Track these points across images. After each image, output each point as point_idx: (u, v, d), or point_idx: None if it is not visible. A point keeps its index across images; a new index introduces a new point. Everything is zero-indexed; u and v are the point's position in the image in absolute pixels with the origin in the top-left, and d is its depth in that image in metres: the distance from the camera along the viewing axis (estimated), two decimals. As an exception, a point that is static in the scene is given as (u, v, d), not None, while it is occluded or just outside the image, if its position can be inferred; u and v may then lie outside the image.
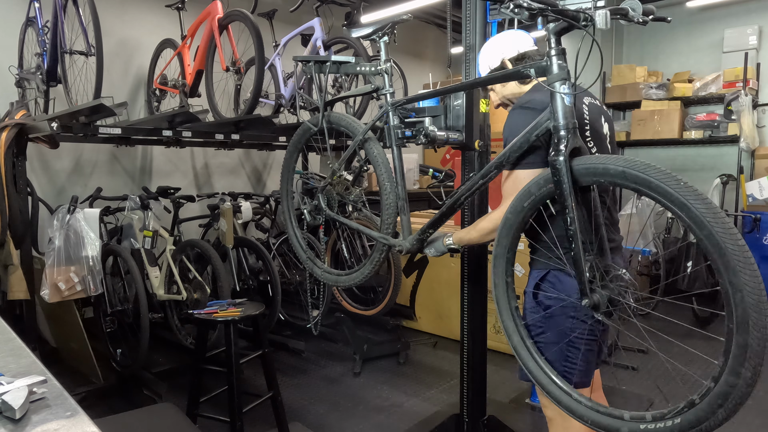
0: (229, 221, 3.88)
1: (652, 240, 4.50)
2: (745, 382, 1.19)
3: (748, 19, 5.67)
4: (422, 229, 2.10)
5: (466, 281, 2.64)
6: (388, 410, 3.15)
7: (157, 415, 2.03)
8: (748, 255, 1.18)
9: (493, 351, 4.00)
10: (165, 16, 4.53)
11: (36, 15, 3.75)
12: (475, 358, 2.67)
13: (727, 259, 1.18)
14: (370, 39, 2.13)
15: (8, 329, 1.31)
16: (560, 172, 1.41)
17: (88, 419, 0.86)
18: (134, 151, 4.69)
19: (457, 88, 2.10)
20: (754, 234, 5.02)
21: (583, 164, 1.41)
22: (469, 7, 2.44)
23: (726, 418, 1.23)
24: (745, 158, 5.54)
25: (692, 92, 5.74)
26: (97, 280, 3.17)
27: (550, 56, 1.50)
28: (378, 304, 3.86)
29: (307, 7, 4.30)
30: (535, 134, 1.59)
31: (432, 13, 6.33)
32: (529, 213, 1.56)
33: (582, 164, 1.41)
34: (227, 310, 2.62)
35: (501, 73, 1.81)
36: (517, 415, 3.07)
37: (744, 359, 1.18)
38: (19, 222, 3.00)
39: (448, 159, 6.21)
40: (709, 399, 1.25)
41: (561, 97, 1.47)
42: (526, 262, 4.18)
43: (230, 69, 3.56)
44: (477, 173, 1.84)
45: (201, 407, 2.68)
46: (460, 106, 2.28)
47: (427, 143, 2.15)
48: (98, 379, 3.33)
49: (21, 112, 3.14)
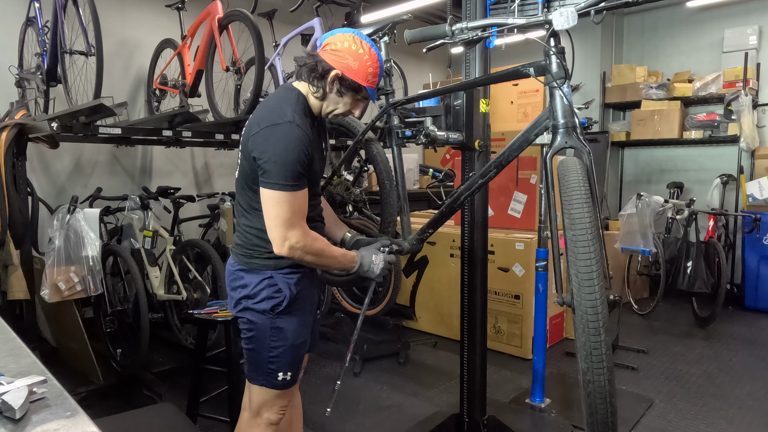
0: (229, 221, 3.88)
1: (652, 240, 4.49)
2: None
3: (748, 19, 5.67)
4: (422, 228, 2.10)
5: (466, 281, 2.64)
6: (388, 410, 3.15)
7: (157, 415, 2.03)
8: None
9: (493, 351, 4.01)
10: (165, 16, 4.53)
11: (36, 15, 3.75)
12: (475, 358, 2.67)
13: None
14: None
15: (8, 329, 1.31)
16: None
17: (88, 419, 0.87)
18: (134, 151, 4.69)
19: (456, 88, 2.10)
20: (754, 234, 5.02)
21: None
22: (469, 7, 2.44)
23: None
24: (745, 158, 5.54)
25: (692, 92, 5.74)
26: (97, 280, 3.17)
27: (550, 55, 1.50)
28: (378, 304, 3.85)
29: (307, 7, 4.29)
30: (534, 133, 1.59)
31: (432, 13, 6.32)
32: None
33: None
34: (227, 310, 2.62)
35: (500, 73, 1.81)
36: (517, 415, 3.07)
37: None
38: (19, 222, 3.00)
39: (448, 159, 6.21)
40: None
41: (561, 96, 1.47)
42: (526, 261, 4.18)
43: (230, 69, 3.56)
44: (476, 173, 1.84)
45: (201, 407, 2.68)
46: (460, 106, 2.28)
47: (427, 143, 2.15)
48: (98, 379, 3.33)
49: (21, 112, 3.14)
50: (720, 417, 3.05)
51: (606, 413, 1.44)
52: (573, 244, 1.44)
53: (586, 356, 1.44)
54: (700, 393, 3.35)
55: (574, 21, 1.45)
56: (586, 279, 1.41)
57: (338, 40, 1.71)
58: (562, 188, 1.50)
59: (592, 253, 1.42)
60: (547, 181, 1.62)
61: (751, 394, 3.34)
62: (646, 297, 5.49)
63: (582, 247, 1.43)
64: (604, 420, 1.46)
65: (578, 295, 1.44)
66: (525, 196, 4.10)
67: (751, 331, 4.61)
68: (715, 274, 4.62)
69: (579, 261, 1.43)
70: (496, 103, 4.85)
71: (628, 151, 6.68)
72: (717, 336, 4.45)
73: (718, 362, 3.85)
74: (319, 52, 1.72)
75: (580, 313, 1.43)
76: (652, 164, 6.49)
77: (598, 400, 1.44)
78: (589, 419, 1.48)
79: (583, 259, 1.42)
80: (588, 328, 1.41)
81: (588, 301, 1.41)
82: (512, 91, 4.84)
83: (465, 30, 1.70)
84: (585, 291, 1.42)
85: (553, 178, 1.60)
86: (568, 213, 1.46)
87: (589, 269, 1.42)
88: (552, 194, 1.62)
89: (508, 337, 4.04)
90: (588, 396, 1.45)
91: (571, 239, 1.45)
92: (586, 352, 1.43)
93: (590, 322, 1.41)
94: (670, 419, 3.03)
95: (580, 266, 1.43)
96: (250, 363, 1.87)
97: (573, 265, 1.44)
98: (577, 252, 1.43)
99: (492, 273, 3.49)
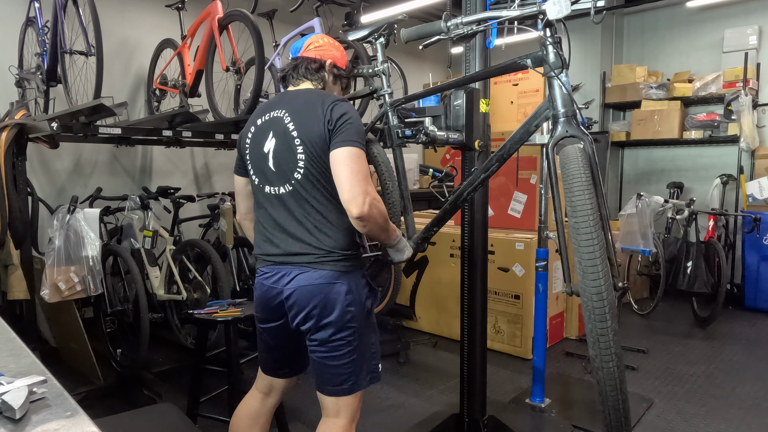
0: (229, 221, 3.88)
1: (652, 240, 4.49)
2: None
3: (748, 19, 5.67)
4: (427, 227, 2.10)
5: (466, 281, 2.64)
6: (388, 410, 3.15)
7: (157, 415, 2.03)
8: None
9: (493, 351, 4.01)
10: (165, 16, 4.53)
11: (36, 15, 3.75)
12: (475, 358, 2.67)
13: None
14: (367, 41, 2.14)
15: (8, 329, 1.31)
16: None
17: (88, 419, 0.87)
18: (134, 151, 4.69)
19: (455, 84, 2.10)
20: (754, 234, 5.03)
21: None
22: (469, 7, 2.44)
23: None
24: (745, 158, 5.54)
25: (692, 92, 5.74)
26: (97, 280, 3.17)
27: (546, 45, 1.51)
28: (378, 304, 3.86)
29: (307, 7, 4.30)
30: (534, 124, 1.60)
31: (432, 13, 6.33)
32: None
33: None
34: (227, 310, 2.62)
35: (498, 66, 1.83)
36: (517, 415, 3.07)
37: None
38: (19, 222, 3.00)
39: (448, 159, 6.21)
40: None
41: (560, 85, 1.48)
42: (526, 261, 4.17)
43: (230, 69, 3.56)
44: (478, 167, 1.85)
45: (201, 407, 2.68)
46: (460, 106, 2.28)
47: (428, 143, 2.15)
48: (98, 379, 3.33)
49: (21, 112, 3.14)
50: (720, 417, 3.05)
51: (617, 399, 1.45)
52: (576, 232, 1.44)
53: (593, 343, 1.43)
54: (700, 393, 3.35)
55: (568, 10, 1.46)
56: (590, 266, 1.41)
57: (315, 40, 1.92)
58: (564, 177, 1.50)
59: (595, 240, 1.42)
60: (550, 172, 1.62)
61: (751, 394, 3.34)
62: (646, 297, 5.49)
63: (584, 234, 1.42)
64: (615, 406, 1.46)
65: (583, 282, 1.43)
66: (525, 196, 4.11)
67: (751, 331, 4.61)
68: (715, 274, 4.62)
69: (582, 248, 1.43)
70: (496, 103, 4.85)
71: (628, 151, 6.68)
72: (717, 336, 4.45)
73: (718, 362, 3.85)
74: (301, 55, 1.88)
75: (585, 300, 1.43)
76: (652, 164, 6.49)
77: (608, 386, 1.44)
78: (601, 406, 1.48)
79: (586, 245, 1.42)
80: (594, 315, 1.41)
81: (593, 287, 1.41)
82: (512, 91, 4.84)
83: (460, 25, 1.71)
84: (589, 278, 1.42)
85: (556, 168, 1.60)
86: (570, 201, 1.46)
87: (592, 255, 1.41)
88: (556, 185, 1.62)
89: (508, 337, 4.04)
90: (598, 383, 1.46)
91: (573, 227, 1.45)
92: (593, 339, 1.43)
93: (596, 308, 1.41)
94: (670, 419, 3.03)
95: (584, 253, 1.42)
96: (355, 372, 1.80)
97: (577, 252, 1.44)
98: (580, 239, 1.43)
99: (492, 273, 3.49)
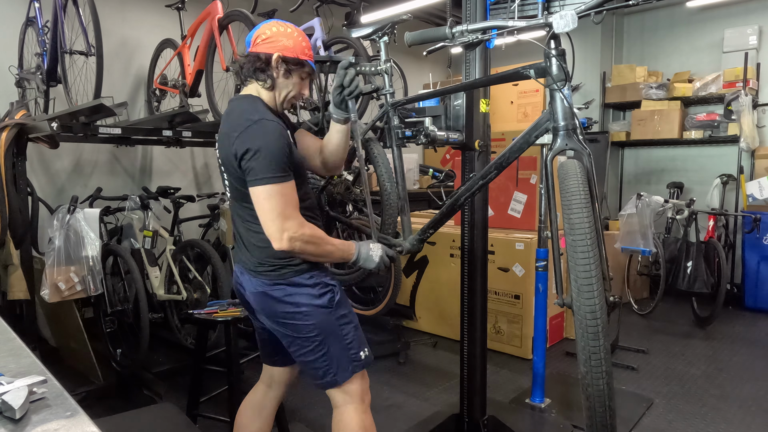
0: (229, 221, 3.88)
1: (652, 240, 4.49)
2: None
3: (748, 19, 5.67)
4: (423, 229, 2.10)
5: (466, 281, 2.64)
6: (388, 410, 3.15)
7: (157, 415, 2.03)
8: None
9: (493, 351, 4.01)
10: (165, 16, 4.53)
11: (36, 15, 3.75)
12: (475, 358, 2.66)
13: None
14: (370, 39, 2.14)
15: (8, 329, 1.31)
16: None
17: (88, 419, 0.87)
18: (134, 151, 4.69)
19: (457, 89, 2.10)
20: (754, 234, 5.02)
21: None
22: (469, 7, 2.44)
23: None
24: (745, 158, 5.54)
25: (692, 92, 5.74)
26: (97, 280, 3.17)
27: (550, 57, 1.50)
28: (378, 304, 3.85)
29: (307, 7, 4.29)
30: (534, 135, 1.59)
31: (432, 13, 6.32)
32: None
33: None
34: (227, 310, 2.62)
35: (501, 74, 1.81)
36: (517, 415, 3.06)
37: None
38: (19, 222, 3.00)
39: (448, 159, 6.22)
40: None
41: (561, 98, 1.47)
42: (526, 261, 4.17)
43: (230, 69, 3.56)
44: (477, 174, 1.85)
45: (201, 407, 2.68)
46: (460, 106, 2.28)
47: (427, 143, 2.15)
48: (98, 379, 3.33)
49: (21, 112, 3.14)
50: (720, 417, 3.05)
51: (605, 415, 1.48)
52: (572, 250, 1.46)
53: (585, 360, 1.46)
54: (700, 393, 3.35)
55: (575, 24, 1.45)
56: (585, 284, 1.43)
57: (264, 30, 1.80)
58: (562, 192, 1.52)
59: (591, 259, 1.43)
60: (548, 183, 1.63)
61: (751, 394, 3.34)
62: (646, 297, 5.49)
63: (581, 253, 1.44)
64: (603, 422, 1.48)
65: (577, 300, 1.45)
66: (525, 196, 4.10)
67: (751, 331, 4.61)
68: (715, 274, 4.62)
69: (578, 266, 1.44)
70: (496, 103, 4.85)
71: (628, 151, 6.68)
72: (717, 336, 4.45)
73: (718, 362, 3.85)
74: (251, 50, 1.80)
75: (579, 318, 1.45)
76: (652, 164, 6.49)
77: (597, 403, 1.46)
78: (589, 421, 1.51)
79: (583, 264, 1.44)
80: (587, 333, 1.43)
81: (587, 306, 1.43)
82: (512, 91, 4.84)
83: (465, 33, 1.71)
84: (584, 296, 1.43)
85: (554, 179, 1.61)
86: (568, 218, 1.48)
87: (588, 274, 1.43)
88: (552, 195, 1.62)
89: (508, 337, 4.04)
90: (587, 399, 1.48)
91: (570, 244, 1.47)
92: (585, 356, 1.45)
93: (589, 326, 1.43)
94: (670, 419, 3.03)
95: (580, 271, 1.44)
96: (333, 365, 1.84)
97: (573, 270, 1.46)
98: (577, 257, 1.45)
99: (492, 273, 3.49)
